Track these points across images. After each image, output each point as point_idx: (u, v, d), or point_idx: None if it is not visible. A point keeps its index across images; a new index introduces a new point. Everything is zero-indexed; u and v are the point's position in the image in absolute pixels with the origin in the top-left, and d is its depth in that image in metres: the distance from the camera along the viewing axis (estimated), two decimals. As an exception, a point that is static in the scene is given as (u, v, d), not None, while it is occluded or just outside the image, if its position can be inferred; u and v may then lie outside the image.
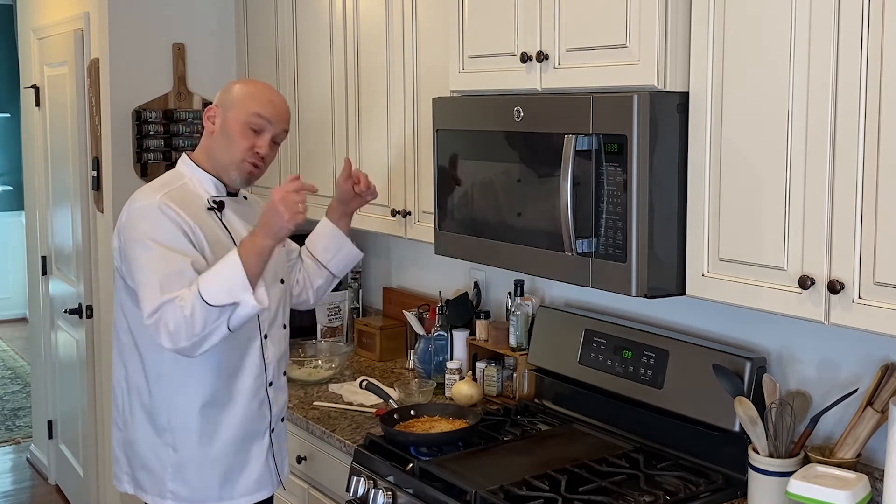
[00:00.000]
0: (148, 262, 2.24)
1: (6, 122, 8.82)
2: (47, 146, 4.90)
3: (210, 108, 2.44)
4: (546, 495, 2.23)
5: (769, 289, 1.92)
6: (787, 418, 2.12)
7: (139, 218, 2.30)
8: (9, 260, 8.94)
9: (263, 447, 2.49)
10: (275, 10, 3.71)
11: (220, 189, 2.45)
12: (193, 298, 2.17)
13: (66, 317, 4.60)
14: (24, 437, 6.04)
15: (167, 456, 2.41)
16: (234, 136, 2.39)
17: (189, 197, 2.37)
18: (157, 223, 2.27)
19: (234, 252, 2.22)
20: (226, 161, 2.41)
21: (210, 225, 2.37)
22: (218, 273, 2.20)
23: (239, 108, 2.40)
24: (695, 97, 2.05)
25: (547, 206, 2.30)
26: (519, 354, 2.96)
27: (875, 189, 1.72)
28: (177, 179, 2.43)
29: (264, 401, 2.49)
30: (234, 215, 2.45)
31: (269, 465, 2.51)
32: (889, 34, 1.68)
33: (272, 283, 2.46)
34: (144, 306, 2.23)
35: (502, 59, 2.47)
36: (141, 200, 2.33)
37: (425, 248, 3.20)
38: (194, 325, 2.17)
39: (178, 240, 2.27)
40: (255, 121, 2.39)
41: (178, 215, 2.28)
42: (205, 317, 2.17)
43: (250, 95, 2.42)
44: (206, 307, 2.17)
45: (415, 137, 2.95)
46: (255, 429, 2.48)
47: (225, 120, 2.40)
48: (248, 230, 2.37)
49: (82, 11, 4.15)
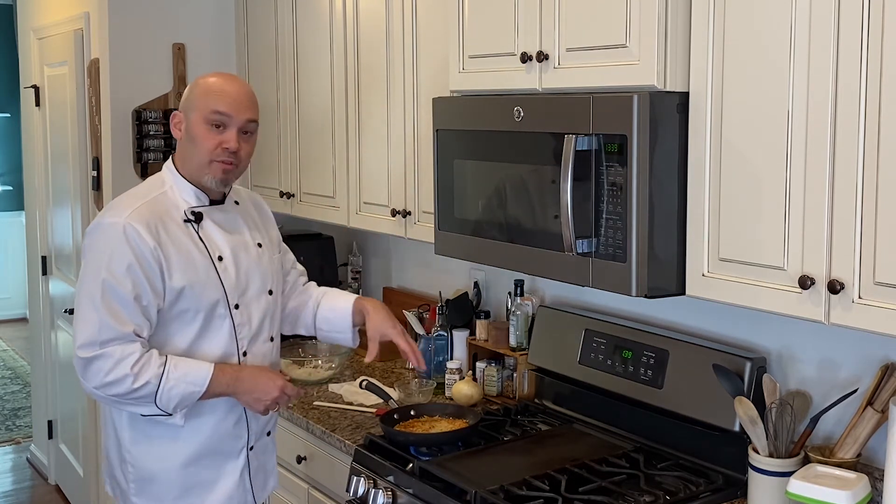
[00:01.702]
0: (95, 291, 2.19)
1: (6, 122, 8.82)
2: (47, 146, 4.90)
3: (175, 115, 2.35)
4: (546, 495, 2.23)
5: (769, 289, 1.92)
6: (787, 418, 2.12)
7: (98, 238, 2.24)
8: (9, 260, 8.94)
9: (237, 466, 2.39)
10: (275, 10, 3.71)
11: (200, 198, 2.34)
12: (151, 379, 2.18)
13: (66, 317, 4.60)
14: (24, 437, 6.04)
15: (128, 471, 2.35)
16: (198, 137, 2.29)
17: (164, 209, 2.28)
18: (113, 248, 2.19)
19: (209, 368, 2.25)
20: (196, 165, 2.31)
21: (181, 241, 2.27)
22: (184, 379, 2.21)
23: (197, 108, 2.29)
24: (695, 97, 2.05)
25: (547, 206, 2.30)
26: (519, 354, 2.96)
27: (875, 189, 1.72)
28: (157, 188, 2.33)
29: (240, 419, 2.39)
30: (213, 227, 2.35)
31: (242, 484, 2.41)
32: (889, 35, 1.68)
33: (257, 294, 2.40)
34: (82, 334, 2.18)
35: (502, 58, 2.47)
36: (110, 216, 2.25)
37: (425, 248, 3.20)
38: (129, 395, 2.18)
39: (132, 269, 2.19)
40: (215, 118, 2.27)
41: (140, 238, 2.19)
42: (140, 398, 2.19)
43: (205, 93, 2.30)
44: (150, 398, 2.20)
45: (415, 137, 2.95)
46: (229, 448, 2.38)
47: (188, 123, 2.31)
48: (228, 241, 2.35)
49: (82, 11, 4.15)
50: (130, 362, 2.17)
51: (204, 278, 2.28)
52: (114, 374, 2.16)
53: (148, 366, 2.19)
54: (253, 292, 2.38)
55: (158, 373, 2.19)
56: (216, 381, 2.25)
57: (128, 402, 2.21)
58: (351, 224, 3.33)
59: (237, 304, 2.34)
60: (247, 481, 2.43)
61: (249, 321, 2.38)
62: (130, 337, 2.19)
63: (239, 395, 2.31)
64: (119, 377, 2.16)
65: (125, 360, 2.16)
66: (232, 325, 2.34)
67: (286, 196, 3.67)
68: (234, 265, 2.35)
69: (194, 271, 2.26)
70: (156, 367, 2.19)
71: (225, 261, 2.33)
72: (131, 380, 2.16)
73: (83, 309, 2.21)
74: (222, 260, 2.33)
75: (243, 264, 2.37)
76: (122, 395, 2.18)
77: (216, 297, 2.30)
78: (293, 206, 3.67)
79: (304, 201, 3.61)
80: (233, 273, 2.34)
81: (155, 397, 2.20)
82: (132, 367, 2.16)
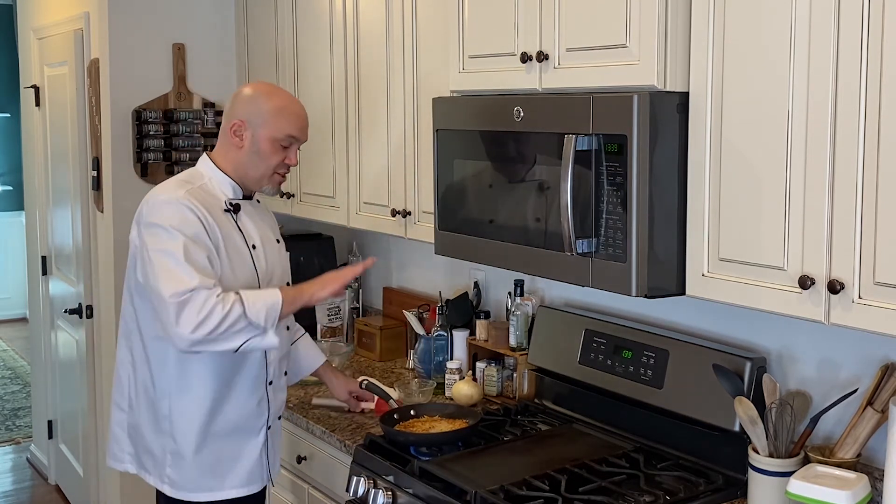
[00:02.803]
0: (175, 249, 2.28)
1: (6, 122, 8.83)
2: (47, 146, 4.90)
3: (235, 122, 2.46)
4: (546, 495, 2.23)
5: (769, 289, 1.92)
6: (787, 418, 2.12)
7: (163, 209, 2.34)
8: (9, 260, 8.94)
9: (258, 443, 2.54)
10: (275, 10, 3.71)
11: (237, 192, 2.51)
12: (235, 302, 2.28)
13: (66, 317, 4.61)
14: (24, 437, 6.04)
15: (167, 443, 2.48)
16: (265, 153, 2.46)
17: (208, 196, 2.43)
18: (182, 216, 2.33)
19: (277, 289, 2.38)
20: (256, 175, 2.49)
21: (226, 225, 2.43)
22: (261, 297, 2.33)
23: (270, 126, 2.44)
24: (695, 97, 2.05)
25: (547, 206, 2.30)
26: (519, 354, 2.96)
27: (875, 189, 1.72)
28: (196, 178, 2.48)
29: (263, 398, 2.54)
30: (248, 218, 2.51)
31: (261, 461, 2.56)
32: (889, 34, 1.68)
33: (279, 284, 2.54)
34: (170, 285, 2.26)
35: (502, 59, 2.47)
36: (164, 193, 2.38)
37: (425, 248, 3.20)
38: (223, 322, 2.25)
39: (200, 235, 2.33)
40: (287, 141, 2.47)
41: (199, 212, 2.35)
42: (234, 323, 2.27)
43: (280, 113, 2.45)
44: (243, 317, 2.28)
45: (415, 137, 2.95)
46: (252, 425, 2.53)
47: (255, 137, 2.45)
48: (259, 233, 2.51)
49: (82, 11, 4.15)
50: (215, 294, 2.27)
51: (243, 263, 2.44)
52: (206, 309, 2.24)
53: (228, 296, 2.29)
54: (276, 282, 2.53)
55: (237, 297, 2.30)
56: (285, 291, 2.39)
57: (223, 336, 2.28)
58: (351, 224, 3.33)
59: None
60: (265, 458, 2.56)
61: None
62: (212, 286, 2.29)
63: (313, 293, 2.43)
64: (210, 309, 2.24)
65: (211, 296, 2.26)
66: None
67: (286, 196, 3.67)
68: (265, 255, 2.51)
69: (237, 255, 2.42)
70: (233, 295, 2.30)
71: (258, 249, 2.49)
72: (220, 307, 2.25)
73: (168, 263, 2.28)
74: (256, 248, 2.49)
75: (270, 255, 2.54)
76: (216, 326, 2.25)
77: (251, 281, 2.45)
78: (293, 206, 3.67)
79: (304, 201, 3.61)
80: (263, 262, 2.50)
81: (244, 311, 2.28)
82: (217, 296, 2.26)
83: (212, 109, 4.06)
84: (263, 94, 2.49)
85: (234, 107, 2.49)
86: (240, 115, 2.46)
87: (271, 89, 2.54)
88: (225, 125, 2.50)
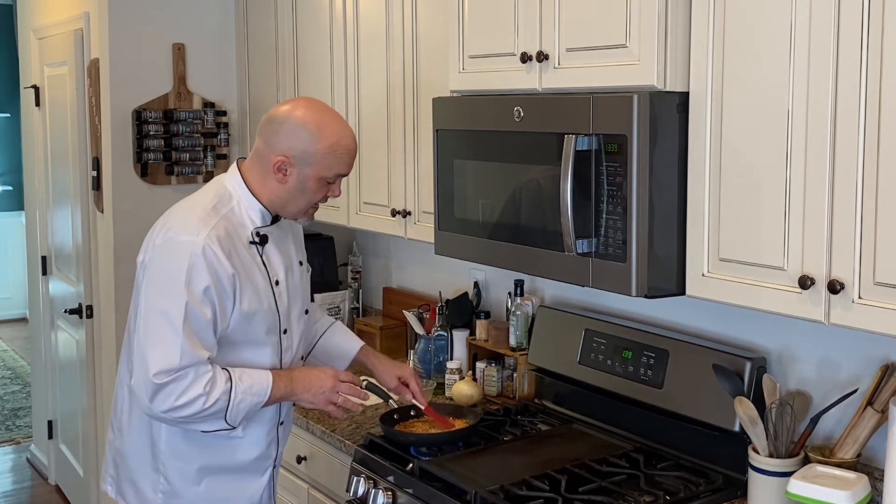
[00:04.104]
0: (176, 312, 2.10)
1: (6, 122, 8.82)
2: (47, 146, 4.89)
3: (280, 158, 2.19)
4: (546, 495, 2.23)
5: (769, 289, 1.92)
6: (787, 418, 2.12)
7: (178, 255, 2.13)
8: (9, 260, 8.94)
9: (261, 484, 2.39)
10: (275, 10, 3.71)
11: (265, 218, 2.28)
12: (222, 395, 2.14)
13: (66, 317, 4.60)
14: (24, 437, 6.04)
15: (159, 483, 2.30)
16: (311, 191, 2.24)
17: (234, 229, 2.21)
18: (195, 268, 2.12)
19: (268, 382, 2.21)
20: (295, 210, 2.28)
21: (248, 263, 2.22)
22: (250, 393, 2.18)
23: (320, 166, 2.21)
24: (695, 97, 2.05)
25: (547, 206, 2.30)
26: (519, 354, 2.96)
27: (875, 189, 1.72)
28: (225, 202, 2.24)
29: (273, 441, 2.39)
30: (273, 248, 2.30)
31: (262, 500, 2.40)
32: (889, 34, 1.68)
33: (298, 316, 2.38)
34: (157, 358, 2.10)
35: (502, 59, 2.47)
36: (185, 233, 2.14)
37: (425, 248, 3.20)
38: (199, 414, 2.13)
39: (210, 290, 2.13)
40: (335, 178, 2.26)
41: (218, 262, 2.14)
42: (209, 416, 2.15)
43: (332, 153, 2.20)
44: (220, 414, 2.15)
45: (415, 137, 2.95)
46: (257, 466, 2.37)
47: (302, 176, 2.21)
48: (284, 262, 2.31)
49: (82, 11, 4.15)
50: (203, 382, 2.11)
51: (265, 305, 2.25)
52: (186, 396, 2.10)
53: (217, 383, 2.14)
54: (295, 314, 2.37)
55: (227, 388, 2.15)
56: (276, 386, 2.23)
57: (195, 421, 2.16)
58: (351, 224, 3.33)
59: (286, 329, 2.33)
60: (267, 498, 2.42)
61: (292, 345, 2.37)
62: (204, 361, 2.14)
63: (297, 394, 2.28)
64: (192, 398, 2.11)
65: (198, 381, 2.11)
66: (280, 349, 2.32)
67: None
68: (286, 289, 2.32)
69: (258, 298, 2.23)
70: (223, 383, 2.15)
71: (280, 285, 2.30)
72: (203, 400, 2.11)
73: (161, 331, 2.11)
74: (278, 284, 2.30)
75: (291, 286, 2.35)
76: (192, 415, 2.13)
77: (273, 323, 2.28)
78: (293, 206, 3.66)
79: (304, 201, 3.61)
80: (285, 298, 2.32)
81: (225, 413, 2.16)
82: (204, 386, 2.11)
83: (212, 109, 4.06)
84: (313, 127, 2.19)
85: (278, 137, 2.20)
86: (285, 151, 2.19)
87: (320, 119, 2.21)
88: (265, 152, 2.23)
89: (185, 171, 4.02)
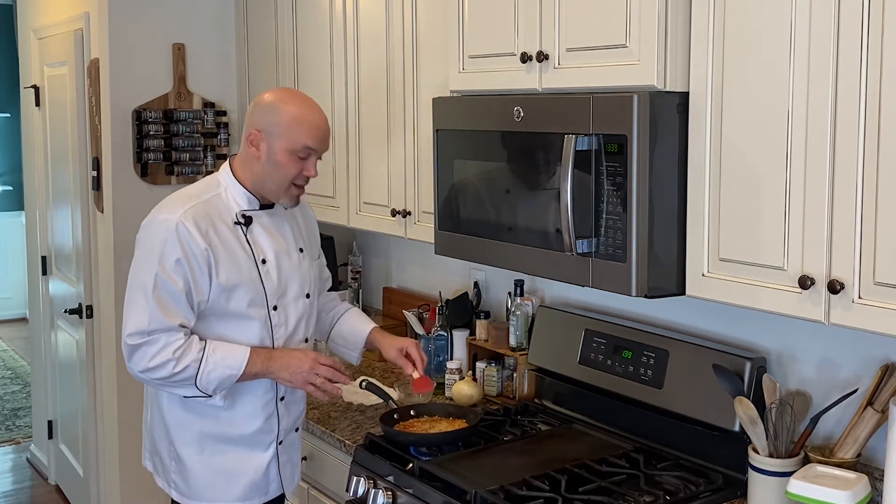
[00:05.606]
0: (148, 281, 2.30)
1: (6, 122, 8.82)
2: (47, 146, 4.89)
3: (253, 132, 2.36)
4: (546, 495, 2.23)
5: (769, 289, 1.92)
6: (787, 418, 2.12)
7: (154, 230, 2.33)
8: (9, 260, 8.94)
9: (265, 458, 2.49)
10: (275, 10, 3.71)
11: (252, 203, 2.42)
12: (192, 363, 2.30)
13: (66, 317, 4.61)
14: (24, 437, 6.04)
15: (172, 451, 2.47)
16: (281, 165, 2.35)
17: (216, 211, 2.37)
18: (167, 241, 2.29)
19: (245, 355, 2.34)
20: (273, 187, 2.39)
21: (229, 242, 2.36)
22: (221, 364, 2.32)
23: (286, 138, 2.34)
24: (695, 97, 2.05)
25: (547, 205, 2.30)
26: (519, 354, 2.96)
27: (875, 189, 1.72)
28: (211, 189, 2.41)
29: (272, 415, 2.49)
30: (261, 230, 2.42)
31: (267, 476, 2.50)
32: (889, 34, 1.68)
33: (295, 298, 2.48)
34: (131, 320, 2.31)
35: (502, 59, 2.47)
36: (164, 212, 2.34)
37: (425, 248, 3.20)
38: (171, 378, 2.30)
39: (181, 262, 2.29)
40: (303, 152, 2.36)
41: (190, 237, 2.29)
42: (181, 381, 2.31)
43: (297, 124, 2.34)
44: (191, 380, 2.31)
45: (415, 137, 2.95)
46: (259, 440, 2.48)
47: (271, 149, 2.35)
48: (274, 245, 2.43)
49: (82, 11, 4.15)
50: (173, 348, 2.29)
51: (247, 279, 2.38)
52: (157, 360, 2.28)
53: (189, 351, 2.30)
54: (291, 295, 2.47)
55: (198, 357, 2.31)
56: (252, 362, 2.35)
57: (170, 384, 2.33)
58: (351, 224, 3.33)
59: (275, 306, 2.44)
60: (274, 473, 2.52)
61: (286, 322, 2.47)
62: (175, 328, 2.31)
63: (274, 372, 2.39)
64: (162, 362, 2.28)
65: (168, 346, 2.28)
66: (270, 324, 2.43)
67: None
68: (277, 269, 2.44)
69: (238, 272, 2.36)
70: (195, 352, 2.31)
71: (268, 264, 2.42)
72: (173, 364, 2.28)
73: (135, 297, 2.32)
74: (265, 263, 2.42)
75: (285, 268, 2.46)
76: (165, 378, 2.30)
77: (256, 297, 2.39)
78: (293, 206, 3.66)
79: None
80: (274, 276, 2.43)
81: (195, 380, 2.31)
82: (174, 352, 2.28)
83: (212, 109, 4.06)
84: (280, 102, 2.37)
85: (252, 115, 2.39)
86: (256, 125, 2.37)
87: (289, 96, 2.41)
88: (244, 135, 2.42)
89: (185, 171, 4.03)
